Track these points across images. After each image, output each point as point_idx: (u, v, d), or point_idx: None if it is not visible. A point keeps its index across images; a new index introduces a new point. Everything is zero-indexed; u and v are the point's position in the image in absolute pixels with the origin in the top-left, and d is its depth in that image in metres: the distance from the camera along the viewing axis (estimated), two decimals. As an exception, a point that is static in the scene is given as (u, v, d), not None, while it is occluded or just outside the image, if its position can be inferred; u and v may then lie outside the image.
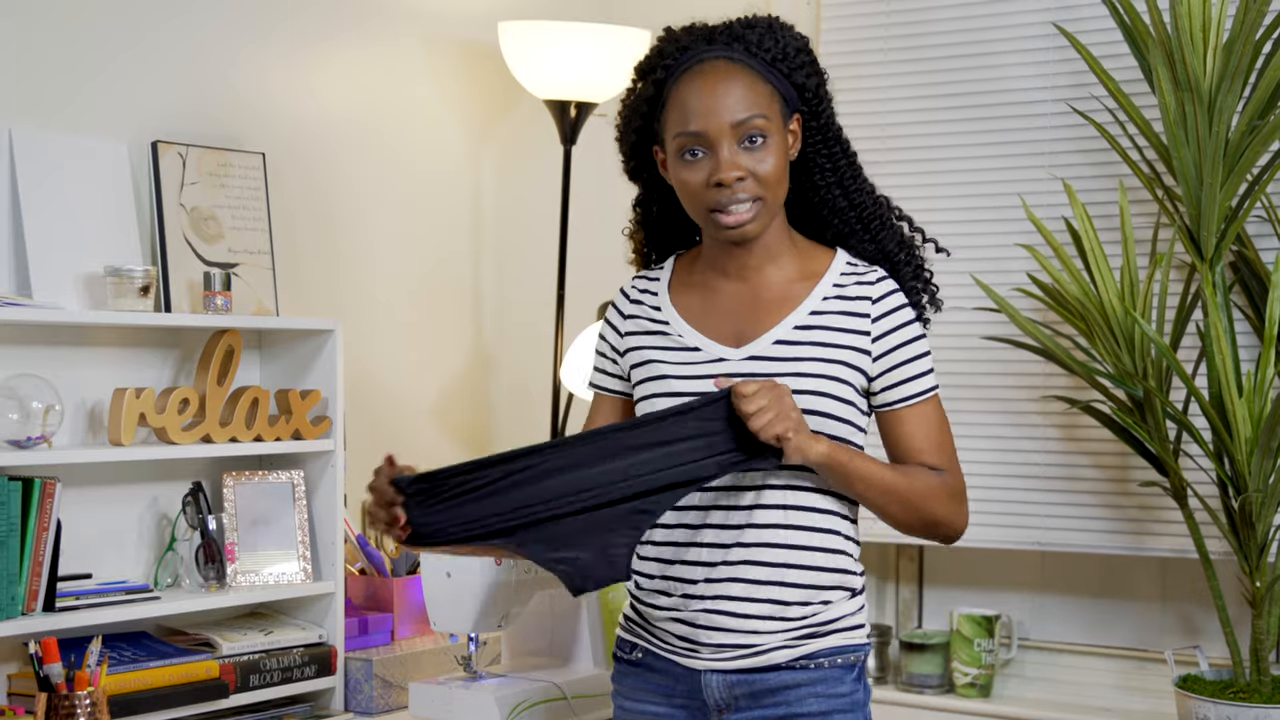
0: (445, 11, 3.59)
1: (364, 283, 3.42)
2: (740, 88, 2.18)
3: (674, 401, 2.20)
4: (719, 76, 2.19)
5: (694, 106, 2.18)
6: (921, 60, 3.53)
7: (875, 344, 2.21)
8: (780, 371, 2.18)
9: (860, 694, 2.25)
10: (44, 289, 2.75)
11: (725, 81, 2.18)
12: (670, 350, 2.27)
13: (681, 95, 2.20)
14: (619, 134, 2.32)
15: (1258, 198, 2.96)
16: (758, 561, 2.19)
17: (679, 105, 2.20)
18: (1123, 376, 3.03)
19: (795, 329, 2.22)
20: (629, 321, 2.34)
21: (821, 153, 2.28)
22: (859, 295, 2.23)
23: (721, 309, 2.27)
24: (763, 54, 2.21)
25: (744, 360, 2.21)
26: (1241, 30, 2.83)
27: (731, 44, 2.21)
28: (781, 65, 2.22)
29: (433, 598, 2.82)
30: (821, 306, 2.23)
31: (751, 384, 2.08)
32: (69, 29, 2.87)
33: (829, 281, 2.25)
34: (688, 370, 2.23)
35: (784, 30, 2.25)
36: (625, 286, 2.38)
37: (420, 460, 3.51)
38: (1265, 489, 2.90)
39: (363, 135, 3.42)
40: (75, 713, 2.54)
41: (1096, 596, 3.52)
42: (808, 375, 2.19)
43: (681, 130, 2.19)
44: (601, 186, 3.69)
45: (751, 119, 2.17)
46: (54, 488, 2.65)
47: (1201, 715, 2.92)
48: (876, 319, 2.22)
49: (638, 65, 2.29)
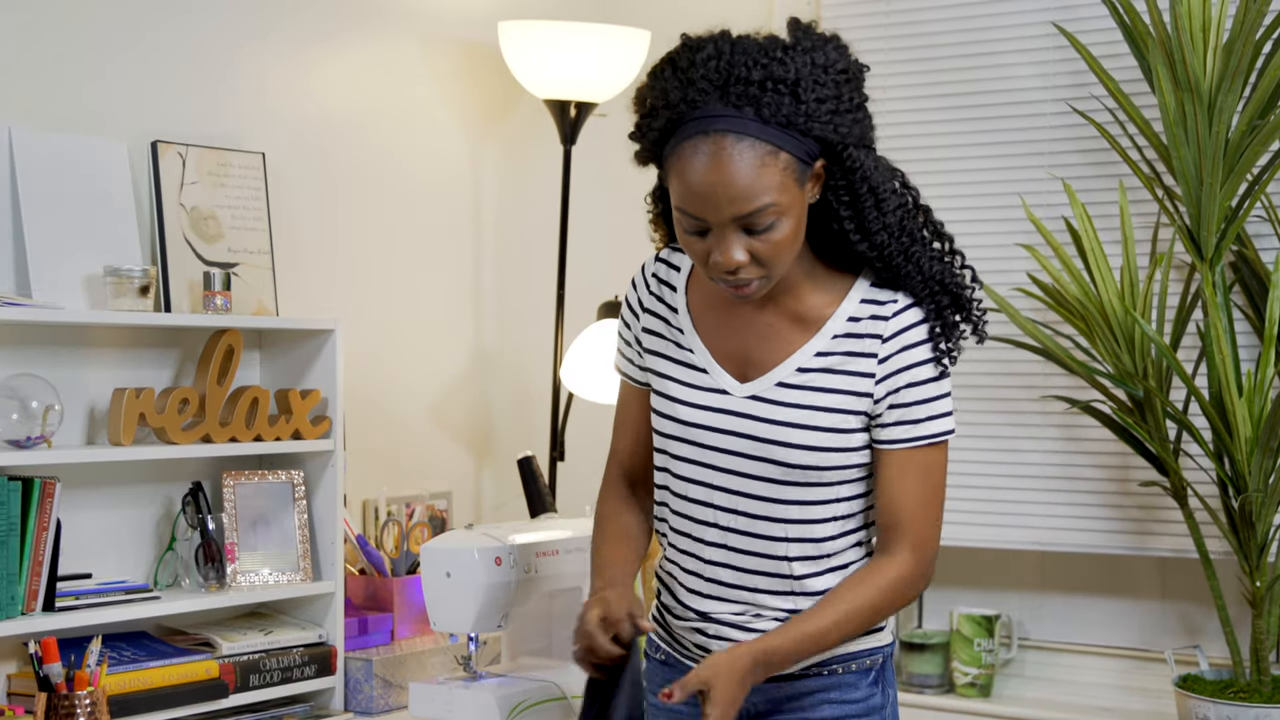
0: (445, 11, 3.59)
1: (364, 283, 3.42)
2: (747, 174, 1.98)
3: (677, 428, 2.18)
4: (725, 159, 1.98)
5: (694, 187, 2.00)
6: (921, 60, 3.53)
7: (879, 385, 2.12)
8: (778, 418, 2.13)
9: (878, 698, 2.22)
10: (44, 289, 2.75)
11: (731, 165, 1.98)
12: (680, 366, 2.21)
13: (683, 164, 2.01)
14: (633, 133, 2.12)
15: (1258, 197, 2.96)
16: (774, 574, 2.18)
17: (680, 174, 2.01)
18: (1123, 376, 3.03)
19: (798, 371, 2.14)
20: (646, 316, 2.26)
21: (843, 198, 2.08)
22: (870, 333, 2.12)
23: (733, 328, 2.19)
24: (777, 120, 1.99)
25: (745, 399, 2.16)
26: (1241, 30, 2.83)
27: (743, 107, 1.98)
28: (802, 127, 2.00)
29: (433, 598, 2.81)
30: (829, 346, 2.13)
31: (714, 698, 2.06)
32: (69, 29, 2.87)
33: (843, 316, 2.14)
34: (694, 397, 2.18)
35: (812, 78, 2.02)
36: (646, 270, 2.27)
37: (420, 460, 3.52)
38: (1265, 489, 2.90)
39: (363, 135, 3.42)
40: (75, 713, 2.54)
41: (1096, 596, 3.52)
42: (803, 427, 2.12)
43: (680, 206, 2.03)
44: (601, 186, 3.69)
45: (757, 212, 1.99)
46: (54, 488, 2.65)
47: (1201, 715, 2.92)
48: (884, 359, 2.11)
49: (640, 91, 2.08)
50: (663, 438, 2.23)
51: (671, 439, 2.21)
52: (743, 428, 2.15)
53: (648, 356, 2.27)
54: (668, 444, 2.22)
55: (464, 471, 3.64)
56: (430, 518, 3.36)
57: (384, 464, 3.40)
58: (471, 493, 3.66)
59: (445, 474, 3.58)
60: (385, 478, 3.37)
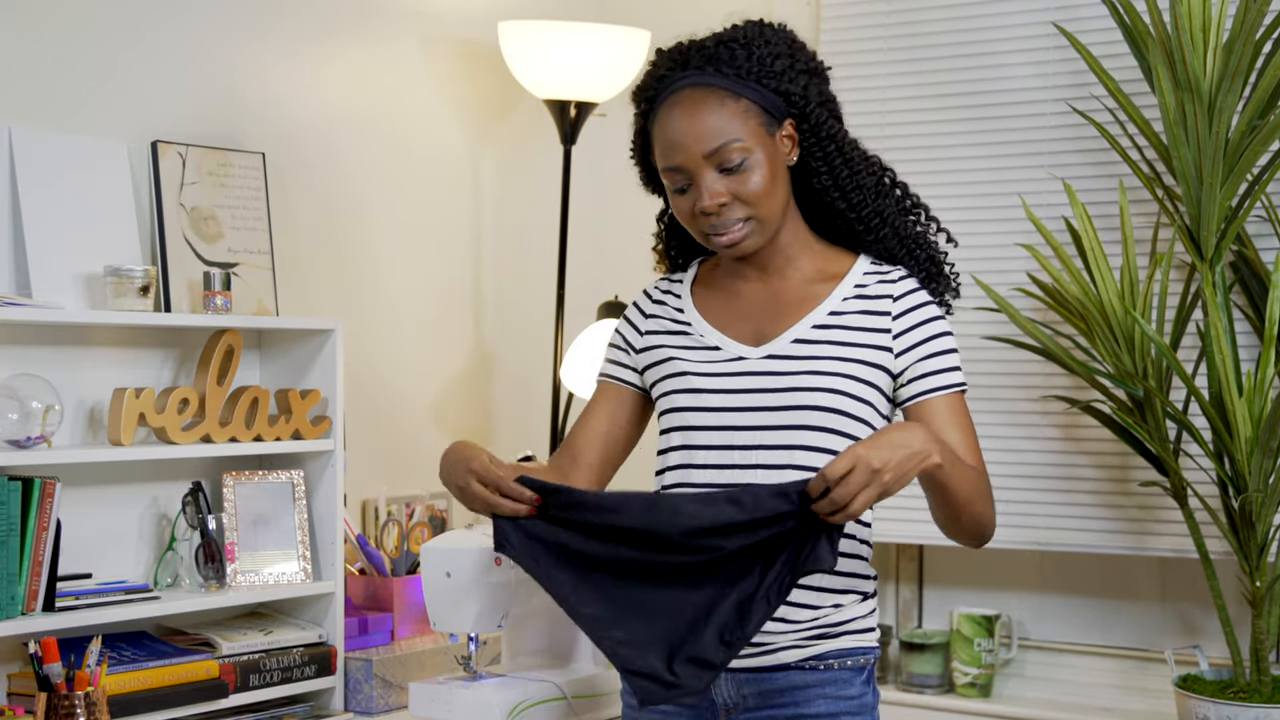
0: (445, 11, 3.59)
1: (364, 283, 3.42)
2: (710, 115, 2.16)
3: (694, 399, 2.22)
4: (690, 106, 2.17)
5: (670, 140, 2.18)
6: (921, 60, 3.53)
7: (897, 340, 2.21)
8: (798, 369, 2.19)
9: (869, 697, 2.25)
10: (44, 289, 2.75)
11: (696, 111, 2.16)
12: (691, 349, 2.28)
13: (660, 128, 2.20)
14: (631, 153, 2.32)
15: (1258, 197, 2.96)
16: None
17: (660, 139, 2.20)
18: (1123, 376, 3.03)
19: (814, 328, 2.22)
20: (650, 321, 2.35)
21: (816, 155, 2.24)
22: (881, 294, 2.23)
23: (742, 310, 2.28)
24: (735, 71, 2.17)
25: (763, 359, 2.22)
26: (1241, 30, 2.83)
27: (704, 67, 2.18)
28: (758, 78, 2.18)
29: (433, 598, 2.81)
30: (842, 307, 2.23)
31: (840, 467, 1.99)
32: (69, 29, 2.87)
33: (850, 282, 2.25)
34: (708, 368, 2.24)
35: (762, 39, 2.20)
36: (648, 288, 2.40)
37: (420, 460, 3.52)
38: (1265, 489, 2.90)
39: (362, 135, 3.42)
40: (75, 712, 2.54)
41: (1096, 596, 3.52)
42: (825, 374, 2.19)
43: (664, 165, 2.20)
44: (601, 186, 3.70)
45: (724, 146, 2.16)
46: (54, 488, 2.65)
47: (1201, 715, 2.92)
48: (898, 316, 2.22)
49: (633, 94, 2.29)
50: (678, 414, 2.25)
51: (690, 410, 2.23)
52: (762, 384, 2.20)
53: (649, 352, 2.32)
54: (686, 417, 2.24)
55: (464, 471, 3.64)
56: (430, 518, 3.36)
57: (384, 464, 3.40)
58: (471, 493, 3.65)
59: (445, 474, 3.58)
60: (385, 478, 3.37)
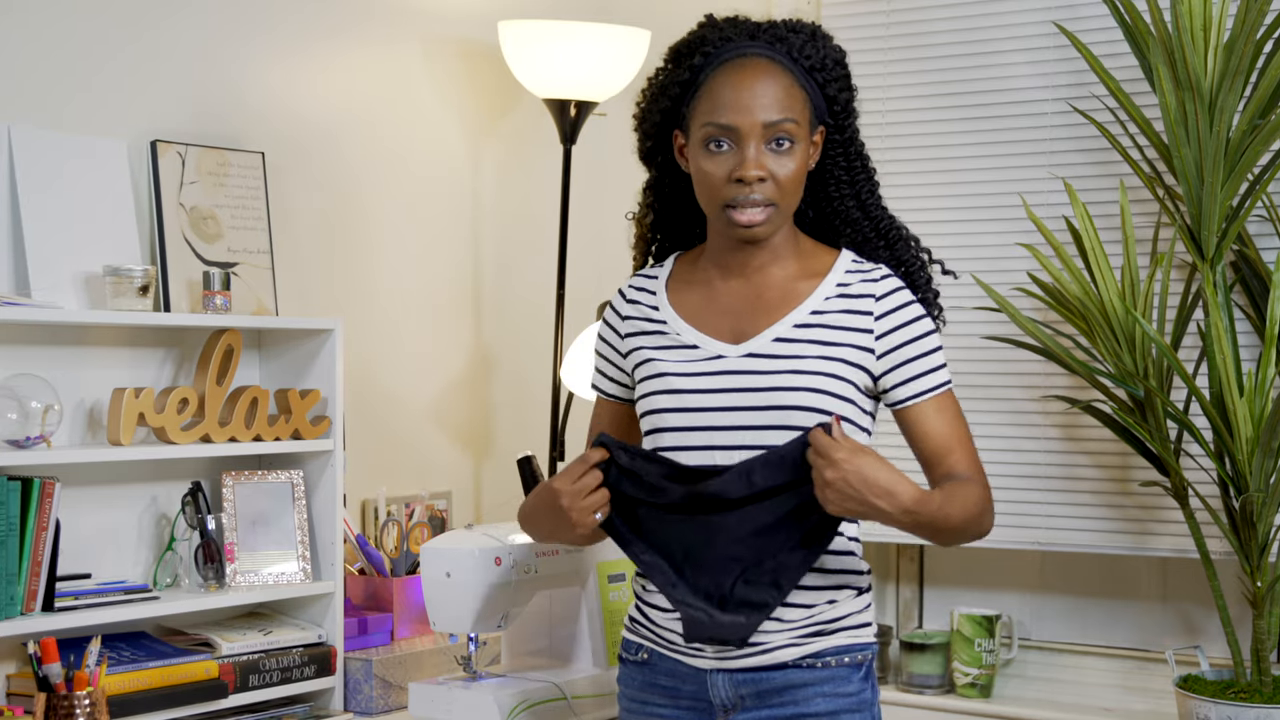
0: (445, 11, 3.59)
1: (364, 282, 3.42)
2: (778, 89, 2.18)
3: (673, 400, 2.20)
4: (759, 74, 2.19)
5: (728, 99, 2.18)
6: (921, 60, 3.53)
7: (879, 341, 2.20)
8: (779, 369, 2.18)
9: (868, 693, 2.25)
10: (43, 289, 2.75)
11: (764, 80, 2.19)
12: (668, 349, 2.26)
13: (717, 85, 2.20)
14: (640, 114, 2.31)
15: (1258, 197, 2.96)
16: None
17: (713, 94, 2.20)
18: (1123, 376, 3.03)
19: (795, 327, 2.21)
20: (627, 323, 2.33)
21: (840, 165, 2.28)
22: (863, 294, 2.22)
23: (721, 307, 2.26)
24: (803, 60, 2.22)
25: (742, 357, 2.21)
26: (1242, 29, 2.83)
27: (774, 44, 2.22)
28: (819, 75, 2.23)
29: (432, 598, 2.81)
30: (824, 306, 2.22)
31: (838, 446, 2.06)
32: (69, 28, 2.87)
33: (832, 280, 2.24)
34: (686, 368, 2.23)
35: (825, 41, 2.26)
36: (622, 287, 2.37)
37: (420, 460, 3.52)
38: (1266, 489, 2.90)
39: (363, 135, 3.41)
40: (74, 713, 2.54)
41: (1097, 596, 3.52)
42: (806, 373, 2.18)
43: (711, 120, 2.19)
44: (601, 186, 3.69)
45: (783, 121, 2.18)
46: (53, 487, 2.65)
47: (1202, 715, 2.92)
48: (880, 316, 2.21)
49: (674, 47, 2.29)
50: (658, 415, 2.24)
51: (668, 412, 2.23)
52: (741, 383, 2.19)
53: (634, 355, 2.30)
54: (666, 419, 2.23)
55: (464, 471, 3.64)
56: (430, 518, 3.36)
57: (384, 464, 3.40)
58: (471, 493, 3.66)
59: (445, 474, 3.58)
60: (385, 478, 3.37)
